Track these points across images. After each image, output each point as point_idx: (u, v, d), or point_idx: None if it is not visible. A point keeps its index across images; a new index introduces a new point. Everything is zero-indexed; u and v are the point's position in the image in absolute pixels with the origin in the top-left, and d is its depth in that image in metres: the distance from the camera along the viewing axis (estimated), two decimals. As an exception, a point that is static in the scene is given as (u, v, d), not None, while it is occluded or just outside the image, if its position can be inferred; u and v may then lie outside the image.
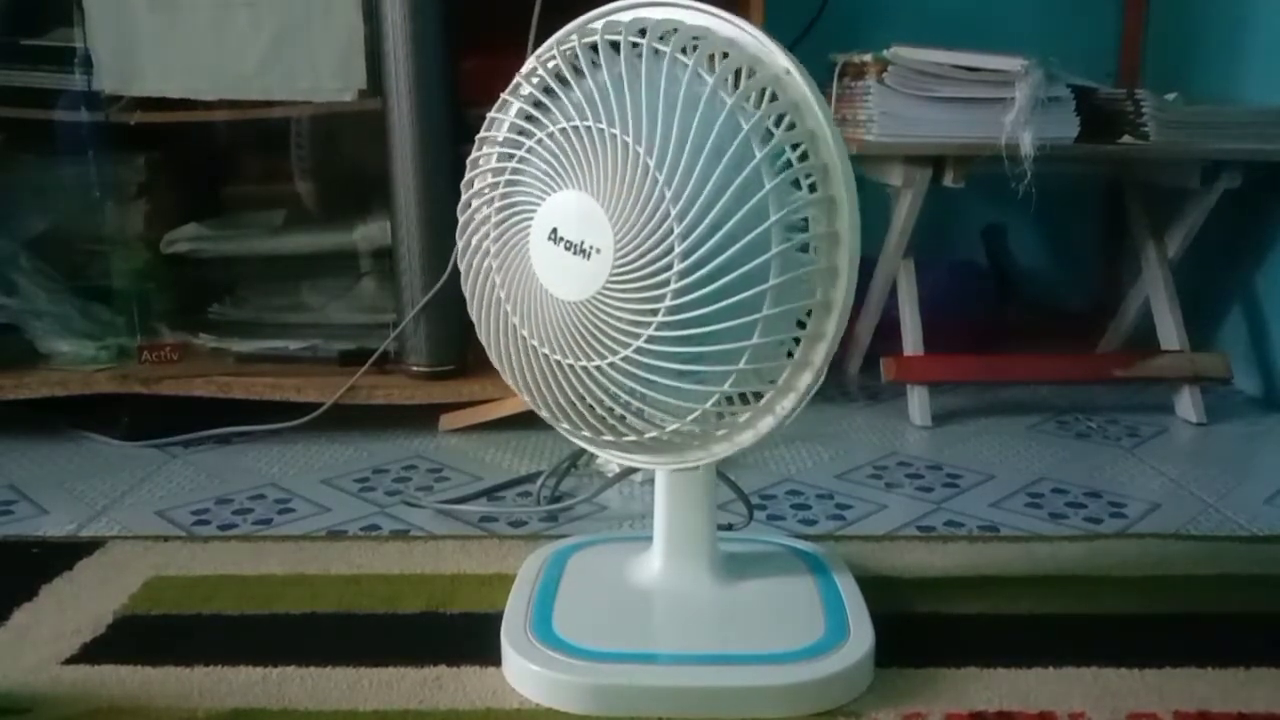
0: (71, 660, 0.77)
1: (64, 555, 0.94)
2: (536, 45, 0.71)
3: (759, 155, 0.64)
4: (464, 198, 0.74)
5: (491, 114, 0.73)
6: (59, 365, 1.31)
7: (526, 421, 1.25)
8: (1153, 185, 1.43)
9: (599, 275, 0.66)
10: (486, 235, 0.72)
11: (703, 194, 0.64)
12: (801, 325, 0.68)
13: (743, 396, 0.70)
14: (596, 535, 0.92)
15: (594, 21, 0.70)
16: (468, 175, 0.74)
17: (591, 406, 0.71)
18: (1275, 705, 0.71)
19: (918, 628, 0.81)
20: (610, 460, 1.13)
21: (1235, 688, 0.73)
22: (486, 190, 0.72)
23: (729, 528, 0.99)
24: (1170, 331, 1.39)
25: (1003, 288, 1.69)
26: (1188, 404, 1.35)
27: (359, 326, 1.37)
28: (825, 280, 0.67)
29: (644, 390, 0.68)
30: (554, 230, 0.67)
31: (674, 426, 0.70)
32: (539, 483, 1.09)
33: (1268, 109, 1.35)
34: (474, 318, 0.75)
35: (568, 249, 0.67)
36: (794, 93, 0.66)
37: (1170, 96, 1.31)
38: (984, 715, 0.70)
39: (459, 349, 1.33)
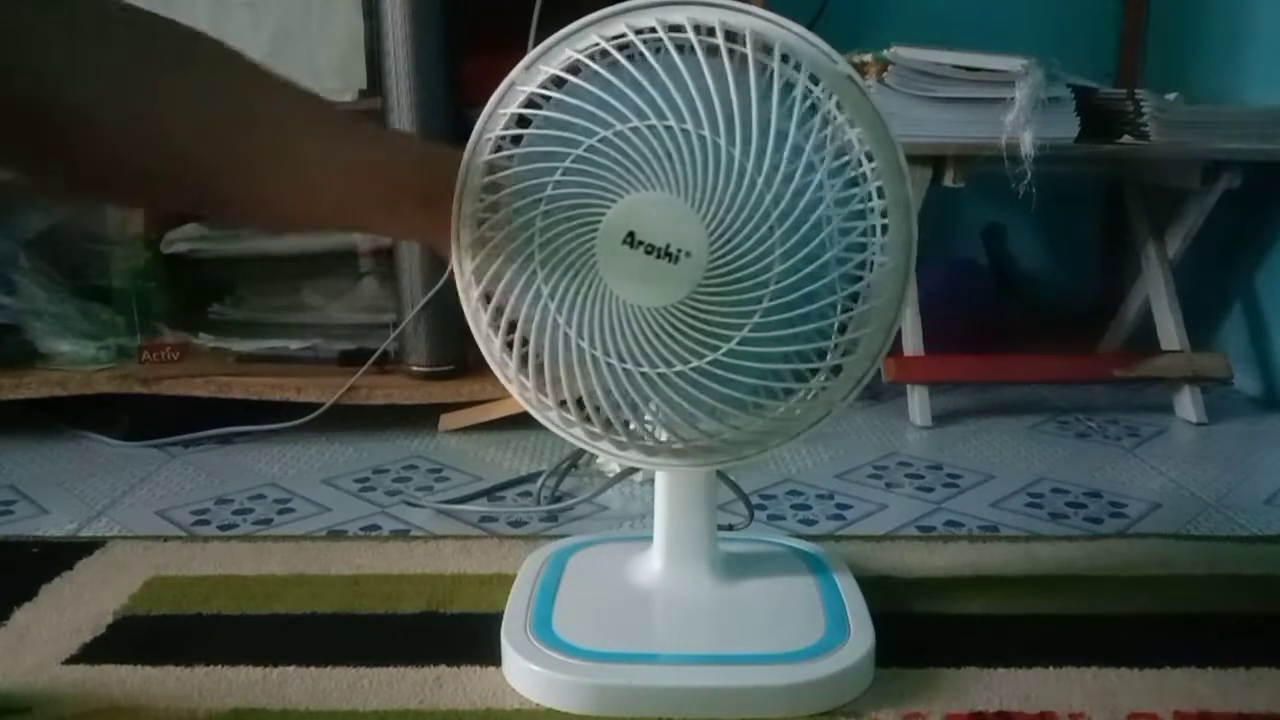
0: (71, 660, 0.77)
1: (64, 555, 0.94)
2: (538, 44, 0.70)
3: (861, 163, 0.66)
4: (485, 201, 0.69)
5: (509, 110, 0.68)
6: (59, 365, 1.31)
7: (526, 421, 1.24)
8: (1153, 185, 1.43)
9: (689, 279, 0.65)
10: (530, 240, 0.67)
11: (802, 200, 0.64)
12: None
13: (821, 389, 0.71)
14: (597, 535, 0.92)
15: (641, 14, 0.67)
16: (472, 181, 0.70)
17: (664, 413, 0.69)
18: (1275, 705, 0.71)
19: (918, 628, 0.81)
20: (610, 460, 1.13)
21: (1235, 688, 0.73)
22: (532, 191, 0.66)
23: (729, 528, 0.99)
24: (1170, 331, 1.39)
25: (1003, 288, 1.69)
26: (1188, 404, 1.35)
27: (359, 326, 1.37)
28: (893, 278, 0.69)
29: (728, 390, 0.68)
30: (630, 234, 0.65)
31: (758, 425, 0.70)
32: (539, 483, 1.09)
33: (1268, 109, 1.35)
34: (478, 328, 0.72)
35: (649, 253, 0.65)
36: (859, 99, 0.67)
37: (1170, 96, 1.31)
38: (984, 715, 0.70)
39: (459, 349, 1.33)
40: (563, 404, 0.72)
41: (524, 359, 0.71)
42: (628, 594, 0.79)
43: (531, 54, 0.69)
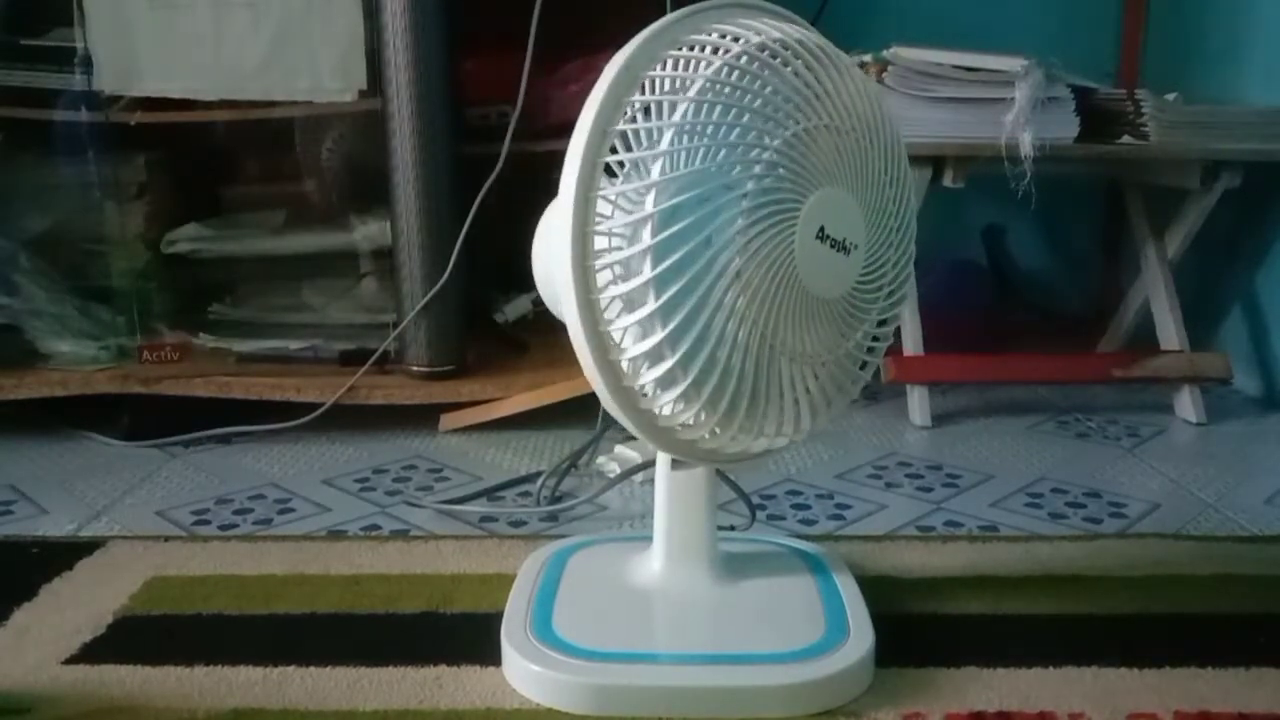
0: (71, 660, 0.77)
1: (64, 555, 0.94)
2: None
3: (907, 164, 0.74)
4: (648, 208, 0.64)
5: (655, 98, 0.66)
6: (59, 365, 1.31)
7: (526, 421, 1.25)
8: (1153, 185, 1.43)
9: (854, 270, 0.70)
10: (731, 242, 0.64)
11: (910, 200, 0.73)
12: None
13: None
14: (597, 535, 0.92)
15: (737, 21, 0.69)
16: (625, 186, 0.65)
17: (811, 396, 0.72)
18: (1275, 705, 0.71)
19: (918, 628, 0.81)
20: (612, 459, 1.14)
21: (1235, 688, 0.73)
22: (735, 191, 0.64)
23: (730, 528, 0.99)
24: (1170, 331, 1.39)
25: (1002, 288, 1.69)
26: (1188, 404, 1.35)
27: (359, 326, 1.36)
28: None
29: (852, 366, 0.73)
30: (821, 229, 0.67)
31: (853, 397, 0.75)
32: (539, 483, 1.09)
33: (1268, 109, 1.35)
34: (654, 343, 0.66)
35: (833, 247, 0.68)
36: None
37: (1170, 96, 1.30)
38: (984, 715, 0.70)
39: (459, 349, 1.33)
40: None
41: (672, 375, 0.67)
42: (628, 594, 0.79)
43: (645, 33, 0.67)
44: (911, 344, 1.36)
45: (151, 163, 1.36)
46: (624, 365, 0.68)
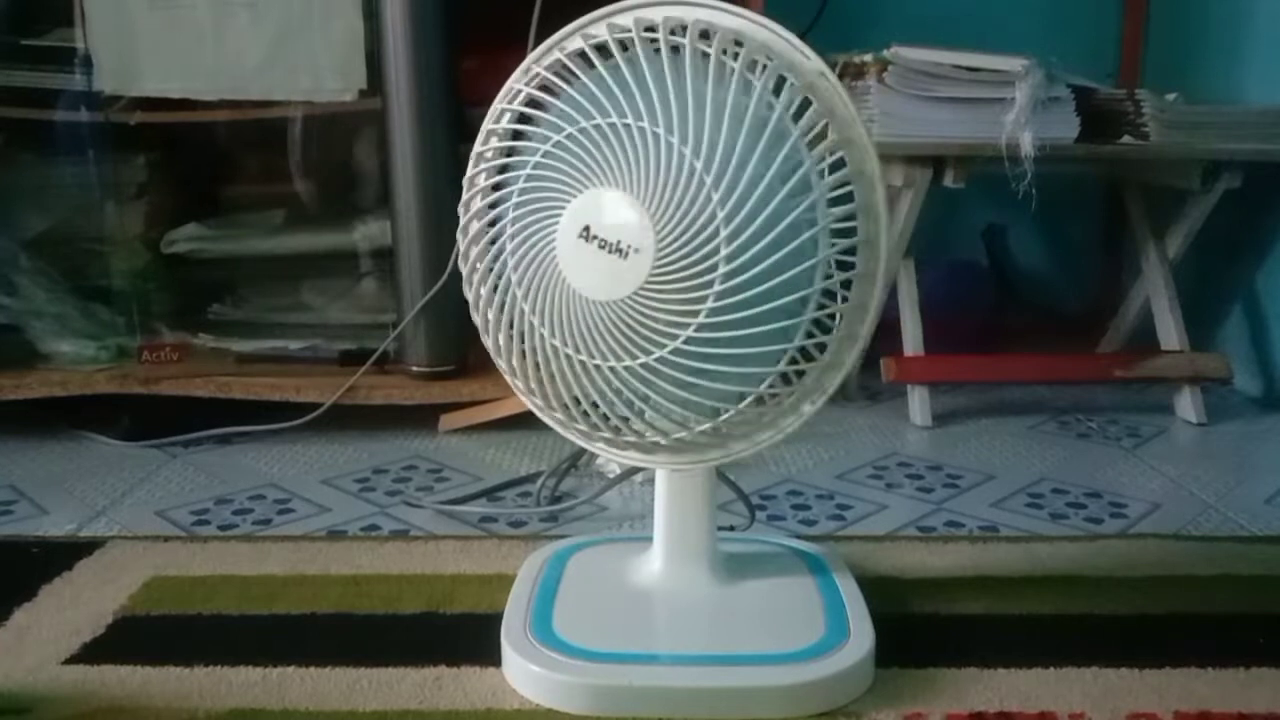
0: (71, 660, 0.77)
1: (64, 555, 0.94)
2: (537, 44, 0.70)
3: (806, 163, 0.66)
4: (466, 196, 0.74)
5: (502, 105, 0.71)
6: (59, 365, 1.31)
7: (526, 421, 1.24)
8: (1153, 185, 1.43)
9: (637, 275, 0.66)
10: (502, 232, 0.71)
11: (751, 198, 0.64)
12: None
13: (773, 395, 0.70)
14: (597, 535, 0.92)
15: (622, 15, 0.68)
16: (470, 171, 0.73)
17: (614, 404, 0.70)
18: (1275, 705, 0.71)
19: (918, 628, 0.81)
20: (611, 460, 1.13)
21: (1235, 688, 0.73)
22: (506, 186, 0.70)
23: (730, 529, 0.99)
24: (1170, 331, 1.39)
25: (1003, 288, 1.69)
26: (1188, 404, 1.35)
27: (359, 326, 1.37)
28: (862, 283, 0.69)
29: (675, 390, 0.68)
30: (586, 229, 0.66)
31: (704, 426, 0.70)
32: (539, 483, 1.09)
33: (1268, 109, 1.35)
34: (482, 320, 0.74)
35: (602, 248, 0.66)
36: (829, 99, 0.67)
37: (1170, 96, 1.30)
38: (984, 715, 0.70)
39: (459, 349, 1.33)
40: (573, 402, 0.72)
41: (523, 356, 0.72)
42: (628, 594, 0.79)
43: (530, 57, 0.71)
44: (911, 344, 1.36)
45: (151, 163, 1.36)
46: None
